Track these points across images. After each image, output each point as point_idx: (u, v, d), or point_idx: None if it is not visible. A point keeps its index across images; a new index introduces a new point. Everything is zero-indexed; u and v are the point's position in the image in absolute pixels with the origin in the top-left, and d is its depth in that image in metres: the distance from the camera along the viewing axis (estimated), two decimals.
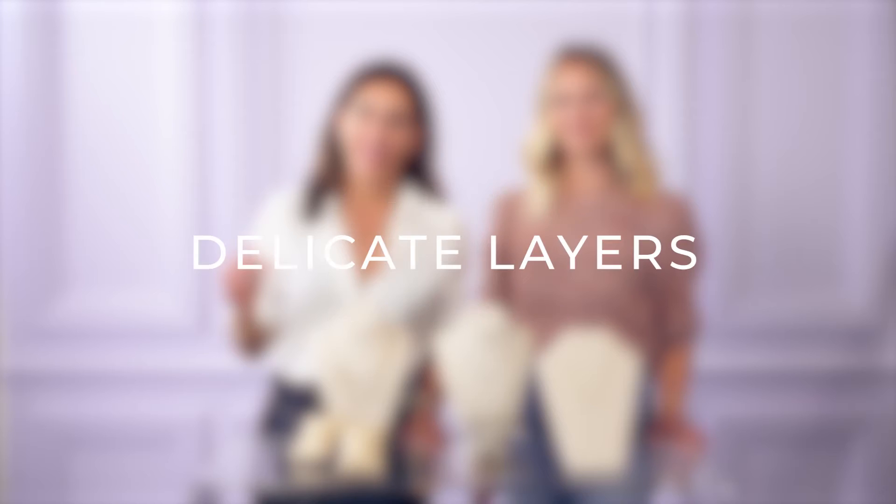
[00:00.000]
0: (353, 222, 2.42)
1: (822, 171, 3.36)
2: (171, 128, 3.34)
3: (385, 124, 2.36)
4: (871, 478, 3.42)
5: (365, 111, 2.36)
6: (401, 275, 2.39)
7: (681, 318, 2.53)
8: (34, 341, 3.38)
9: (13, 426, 3.41)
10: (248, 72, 3.32)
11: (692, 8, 3.31)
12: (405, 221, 2.42)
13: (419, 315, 2.40)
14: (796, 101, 3.35)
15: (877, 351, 3.41)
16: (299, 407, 2.36)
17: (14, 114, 3.32)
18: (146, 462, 3.40)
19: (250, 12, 3.31)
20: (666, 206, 2.49)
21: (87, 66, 3.33)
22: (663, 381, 2.51)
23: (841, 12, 3.33)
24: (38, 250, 3.35)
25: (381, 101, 2.36)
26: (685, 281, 2.51)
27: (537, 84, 2.53)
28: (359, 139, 2.37)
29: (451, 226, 2.44)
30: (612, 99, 2.46)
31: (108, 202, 3.36)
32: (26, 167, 3.33)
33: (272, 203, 2.47)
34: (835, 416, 3.41)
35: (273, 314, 2.40)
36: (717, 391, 3.34)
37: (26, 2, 3.30)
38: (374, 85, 2.38)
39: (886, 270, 3.38)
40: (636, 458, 2.21)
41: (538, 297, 2.48)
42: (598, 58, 2.48)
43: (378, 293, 2.37)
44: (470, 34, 3.33)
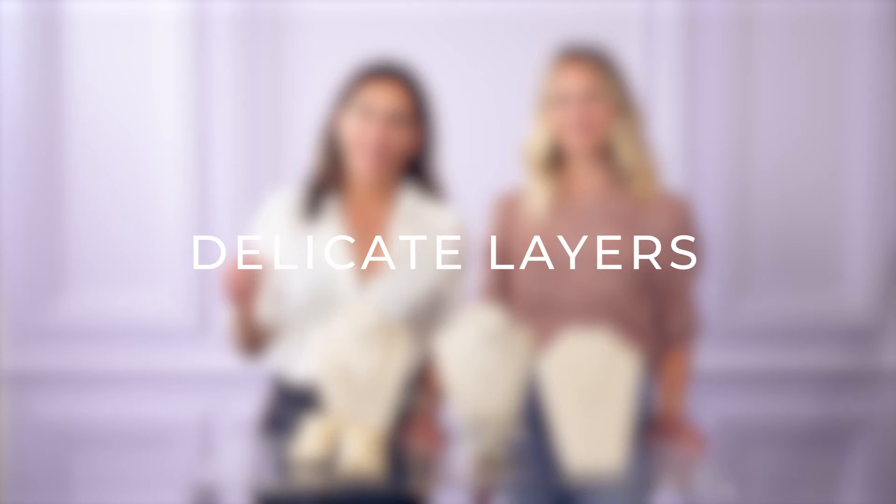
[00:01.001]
0: (353, 222, 2.42)
1: (822, 172, 3.36)
2: (171, 127, 3.33)
3: (385, 124, 2.36)
4: (871, 478, 3.42)
5: (365, 111, 2.36)
6: (401, 274, 2.39)
7: (681, 318, 2.52)
8: (34, 341, 3.38)
9: (13, 426, 3.41)
10: (248, 72, 3.32)
11: (692, 8, 3.31)
12: (405, 221, 2.42)
13: (419, 315, 2.40)
14: (796, 101, 3.35)
15: (877, 351, 3.41)
16: (299, 407, 2.36)
17: (14, 114, 3.32)
18: (146, 462, 3.40)
19: (250, 12, 3.31)
20: (666, 206, 2.49)
21: (87, 67, 3.33)
22: (663, 381, 2.51)
23: (841, 12, 3.33)
24: (38, 250, 3.35)
25: (381, 101, 2.36)
26: (685, 281, 2.51)
27: (537, 84, 2.53)
28: (359, 139, 2.37)
29: (451, 226, 2.44)
30: (611, 99, 2.46)
31: (107, 202, 3.36)
32: (26, 167, 3.33)
33: (272, 203, 2.47)
34: (835, 416, 3.41)
35: (273, 314, 2.40)
36: (717, 391, 3.34)
37: (26, 2, 3.30)
38: (373, 85, 2.38)
39: (886, 270, 3.38)
40: (636, 458, 2.21)
41: (538, 297, 2.48)
42: (597, 58, 2.48)
43: (378, 293, 2.37)
44: (470, 34, 3.33)
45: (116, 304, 3.37)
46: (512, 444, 2.26)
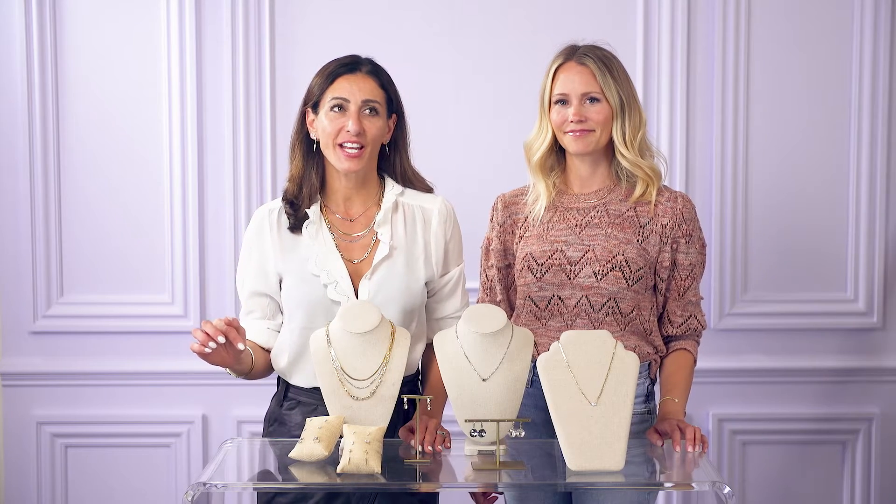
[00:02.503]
0: (340, 222, 2.43)
1: (822, 172, 3.36)
2: (171, 127, 3.33)
3: (359, 115, 2.35)
4: (871, 478, 3.42)
5: (337, 106, 2.36)
6: (394, 266, 2.39)
7: (683, 318, 2.52)
8: (34, 342, 3.38)
9: (13, 426, 3.41)
10: (248, 76, 3.32)
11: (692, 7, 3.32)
12: (391, 213, 2.42)
13: (416, 305, 2.40)
14: (797, 101, 3.34)
15: (877, 351, 3.41)
16: (303, 407, 2.37)
17: (14, 114, 3.32)
18: (146, 462, 3.40)
19: (251, 23, 3.31)
20: (667, 206, 2.49)
21: (88, 67, 3.33)
22: (664, 381, 2.50)
23: (841, 12, 3.33)
24: (38, 250, 3.34)
25: (352, 94, 2.36)
26: (687, 281, 2.51)
27: (540, 84, 2.53)
28: (335, 134, 2.36)
29: (438, 212, 2.44)
30: (612, 99, 2.46)
31: (108, 203, 3.36)
32: (26, 167, 3.33)
33: (258, 216, 2.45)
34: (835, 416, 3.41)
35: (264, 340, 2.42)
36: (717, 391, 3.34)
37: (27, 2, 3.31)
38: (342, 81, 2.37)
39: (886, 271, 3.38)
40: (636, 458, 2.21)
41: (539, 297, 2.48)
42: (599, 58, 2.48)
43: (373, 287, 2.37)
44: (471, 34, 3.32)
45: (116, 305, 3.37)
46: (512, 444, 2.26)
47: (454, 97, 3.28)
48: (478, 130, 3.31)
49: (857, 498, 3.42)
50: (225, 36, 3.31)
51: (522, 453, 2.25)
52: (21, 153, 3.32)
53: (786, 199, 3.36)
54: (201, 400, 3.39)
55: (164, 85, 3.32)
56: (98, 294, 3.37)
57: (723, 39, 3.31)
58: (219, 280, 3.36)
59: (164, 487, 3.41)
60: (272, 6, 3.30)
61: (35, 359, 3.39)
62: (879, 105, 3.33)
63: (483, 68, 3.32)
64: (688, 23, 3.31)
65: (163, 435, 3.40)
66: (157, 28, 3.32)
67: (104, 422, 3.39)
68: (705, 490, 2.10)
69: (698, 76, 3.33)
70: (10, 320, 3.38)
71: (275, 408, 2.46)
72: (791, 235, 3.37)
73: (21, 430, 3.40)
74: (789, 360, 3.39)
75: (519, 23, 3.31)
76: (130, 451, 3.40)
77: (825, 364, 3.39)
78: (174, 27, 3.31)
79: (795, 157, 3.36)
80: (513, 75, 3.30)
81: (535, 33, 3.29)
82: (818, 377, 3.40)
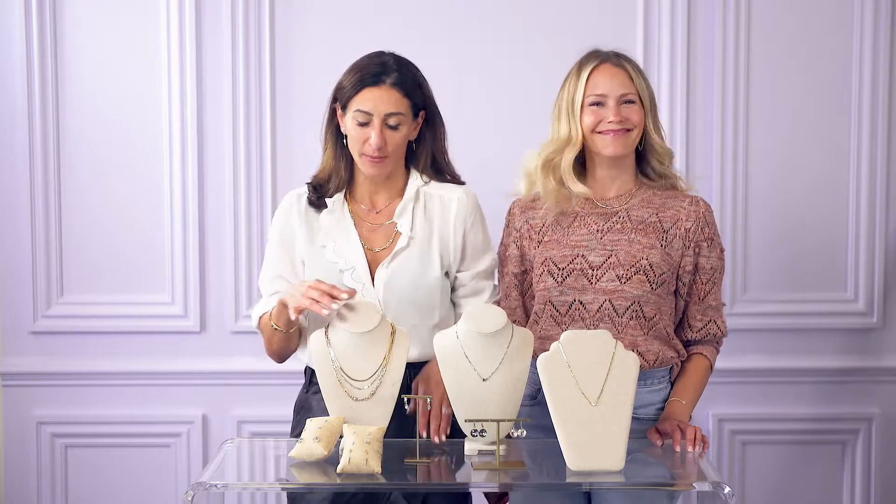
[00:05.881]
0: (365, 213, 2.47)
1: (822, 172, 3.36)
2: (171, 128, 3.33)
3: (381, 127, 2.38)
4: (871, 478, 3.42)
5: (362, 117, 2.39)
6: (410, 256, 2.42)
7: (703, 323, 2.51)
8: (34, 342, 3.38)
9: (13, 426, 3.40)
10: (248, 76, 3.31)
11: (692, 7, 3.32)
12: (412, 203, 2.45)
13: (431, 296, 2.43)
14: (797, 101, 3.34)
15: (876, 351, 3.41)
16: None
17: (14, 114, 3.32)
18: (146, 462, 3.40)
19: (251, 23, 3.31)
20: (690, 210, 2.48)
21: (88, 68, 3.33)
22: (676, 383, 2.49)
23: (841, 12, 3.33)
24: (38, 250, 3.34)
25: (375, 108, 2.38)
26: (708, 285, 2.49)
27: (565, 87, 2.50)
28: (359, 143, 2.40)
29: (458, 201, 2.46)
30: (645, 100, 2.46)
31: (108, 203, 3.36)
32: (26, 167, 3.32)
33: (286, 201, 2.51)
34: (835, 416, 3.41)
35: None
36: (717, 391, 3.34)
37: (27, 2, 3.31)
38: (366, 93, 2.39)
39: (886, 271, 3.38)
40: (636, 457, 2.21)
41: (560, 301, 2.46)
42: (629, 61, 2.48)
43: (387, 275, 2.40)
44: (473, 34, 3.32)
45: (116, 304, 3.37)
46: (512, 443, 2.26)
47: (455, 98, 3.28)
48: (478, 131, 3.30)
49: (857, 498, 3.42)
50: (225, 36, 3.31)
51: (522, 453, 2.25)
52: (21, 153, 3.32)
53: (786, 199, 3.36)
54: (201, 400, 3.39)
55: (164, 85, 3.32)
56: (98, 294, 3.37)
57: (723, 39, 3.31)
58: (219, 280, 3.36)
59: (164, 487, 3.41)
60: (272, 7, 3.30)
61: (35, 359, 3.39)
62: (879, 105, 3.33)
63: (483, 69, 3.32)
64: (688, 23, 3.31)
65: (163, 435, 3.40)
66: (157, 28, 3.31)
67: (104, 422, 3.39)
68: (705, 490, 2.10)
69: (698, 76, 3.33)
70: (10, 320, 3.38)
71: (302, 395, 2.52)
72: (791, 235, 3.37)
73: (21, 430, 3.40)
74: (789, 360, 3.39)
75: (519, 24, 3.31)
76: (130, 451, 3.40)
77: (825, 364, 3.39)
78: (174, 27, 3.30)
79: (795, 158, 3.35)
80: (513, 78, 3.30)
81: (535, 34, 3.29)
82: (818, 377, 3.40)
